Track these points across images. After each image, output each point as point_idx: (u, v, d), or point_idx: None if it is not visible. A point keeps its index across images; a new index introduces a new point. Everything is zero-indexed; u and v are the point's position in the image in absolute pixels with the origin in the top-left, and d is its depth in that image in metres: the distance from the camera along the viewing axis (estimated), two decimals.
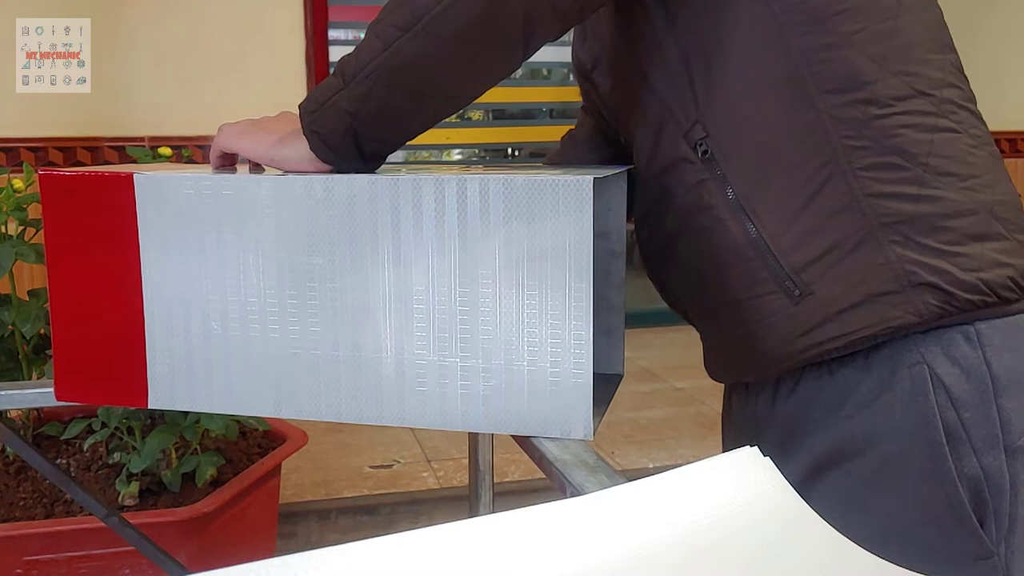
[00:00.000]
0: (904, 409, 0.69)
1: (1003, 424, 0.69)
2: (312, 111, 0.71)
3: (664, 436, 2.77)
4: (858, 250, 0.69)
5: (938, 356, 0.69)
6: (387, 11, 0.68)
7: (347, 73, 0.69)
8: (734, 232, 0.72)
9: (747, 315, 0.73)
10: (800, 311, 0.70)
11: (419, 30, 0.66)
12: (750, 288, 0.72)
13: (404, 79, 0.68)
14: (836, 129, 0.69)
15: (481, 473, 1.08)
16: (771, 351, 0.73)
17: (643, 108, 0.78)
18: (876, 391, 0.70)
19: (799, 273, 0.70)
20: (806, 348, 0.71)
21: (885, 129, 0.69)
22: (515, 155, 4.01)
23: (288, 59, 3.26)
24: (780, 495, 0.51)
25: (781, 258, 0.70)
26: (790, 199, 0.70)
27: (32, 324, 1.52)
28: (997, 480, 0.68)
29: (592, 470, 0.61)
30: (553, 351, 0.66)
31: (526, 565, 0.43)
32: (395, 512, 2.27)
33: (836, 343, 0.70)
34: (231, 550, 1.55)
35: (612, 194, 0.82)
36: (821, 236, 0.69)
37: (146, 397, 0.76)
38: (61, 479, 1.08)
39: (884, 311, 0.68)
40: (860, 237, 0.69)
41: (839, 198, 0.69)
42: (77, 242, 0.74)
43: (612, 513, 0.48)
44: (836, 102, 0.69)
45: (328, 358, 0.71)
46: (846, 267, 0.69)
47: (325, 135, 0.70)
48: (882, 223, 0.69)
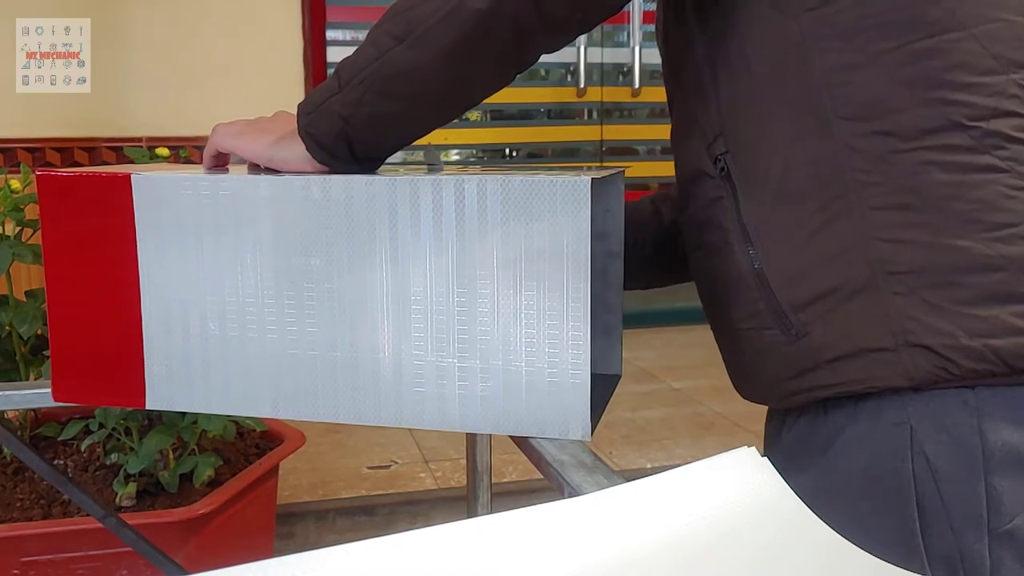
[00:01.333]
0: (880, 472, 0.64)
1: (991, 504, 0.61)
2: (309, 112, 0.71)
3: (662, 436, 2.77)
4: (857, 297, 0.64)
5: (925, 419, 0.62)
6: (385, 19, 0.68)
7: (343, 77, 0.69)
8: (739, 258, 0.69)
9: (745, 345, 0.71)
10: (793, 351, 0.67)
11: (413, 41, 0.65)
12: (750, 319, 0.70)
13: (396, 87, 0.68)
14: (850, 161, 0.63)
15: (479, 473, 1.08)
16: (764, 386, 0.72)
17: (677, 111, 0.76)
18: (858, 444, 0.65)
19: (796, 312, 0.66)
20: (796, 392, 0.68)
21: (905, 166, 0.62)
22: (513, 156, 4.01)
23: (286, 60, 3.26)
24: (777, 495, 0.51)
25: (779, 293, 0.67)
26: (796, 232, 0.66)
27: (29, 325, 1.52)
28: (976, 565, 0.61)
29: (590, 470, 0.61)
30: (551, 352, 0.66)
31: (524, 565, 0.43)
32: (393, 513, 2.27)
33: (824, 392, 0.66)
34: (229, 551, 1.55)
35: (610, 195, 0.82)
36: (822, 276, 0.65)
37: (144, 398, 0.76)
38: (58, 480, 1.08)
39: (874, 368, 0.63)
40: (861, 283, 0.63)
41: (845, 238, 0.64)
42: (74, 243, 0.74)
43: (610, 513, 0.48)
44: (854, 131, 0.63)
45: (326, 359, 0.71)
46: (843, 313, 0.64)
47: (319, 137, 0.70)
48: (887, 271, 0.62)
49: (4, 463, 1.67)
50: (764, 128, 0.67)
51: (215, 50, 3.15)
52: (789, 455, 0.71)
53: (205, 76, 3.13)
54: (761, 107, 0.67)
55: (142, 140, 3.05)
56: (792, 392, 0.68)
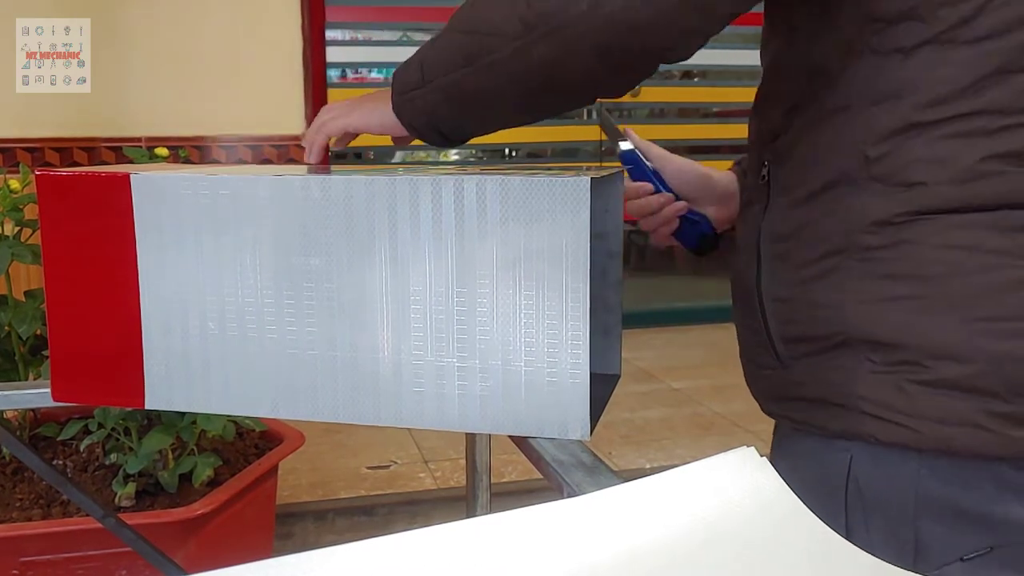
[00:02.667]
0: (818, 495, 0.61)
1: (919, 548, 0.63)
2: (401, 93, 0.75)
3: (661, 436, 2.77)
4: (832, 353, 0.65)
5: (865, 456, 0.65)
6: (469, 27, 0.69)
7: (426, 72, 0.72)
8: (746, 275, 0.73)
9: (746, 355, 0.76)
10: (774, 375, 0.71)
11: (481, 67, 0.68)
12: (754, 334, 0.73)
13: (469, 102, 0.72)
14: (861, 221, 0.63)
15: (478, 473, 1.08)
16: (757, 396, 0.77)
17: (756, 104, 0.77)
18: (805, 463, 0.69)
19: (786, 345, 0.69)
20: (777, 412, 0.74)
21: (917, 236, 0.61)
22: (512, 156, 4.01)
23: (285, 59, 3.26)
24: (776, 494, 0.51)
25: (771, 322, 0.70)
26: (798, 272, 0.68)
27: (29, 325, 1.52)
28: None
29: (589, 470, 0.61)
30: (550, 351, 0.66)
31: (523, 565, 0.43)
32: (392, 513, 2.27)
33: (794, 423, 0.71)
34: (228, 551, 1.55)
35: (610, 195, 0.82)
36: (811, 322, 0.67)
37: (143, 398, 0.76)
38: (58, 480, 1.08)
39: (829, 420, 0.66)
40: (839, 341, 0.65)
41: (835, 294, 0.65)
42: (74, 242, 0.74)
43: (609, 513, 0.48)
44: (880, 193, 0.63)
45: (325, 358, 0.71)
46: (820, 361, 0.67)
47: (410, 119, 0.75)
48: (864, 339, 0.63)
49: (3, 463, 1.67)
50: (797, 157, 0.68)
51: (215, 50, 3.15)
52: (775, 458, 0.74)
53: (205, 76, 3.13)
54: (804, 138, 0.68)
55: (141, 140, 3.05)
56: (770, 410, 0.74)
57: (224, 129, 3.14)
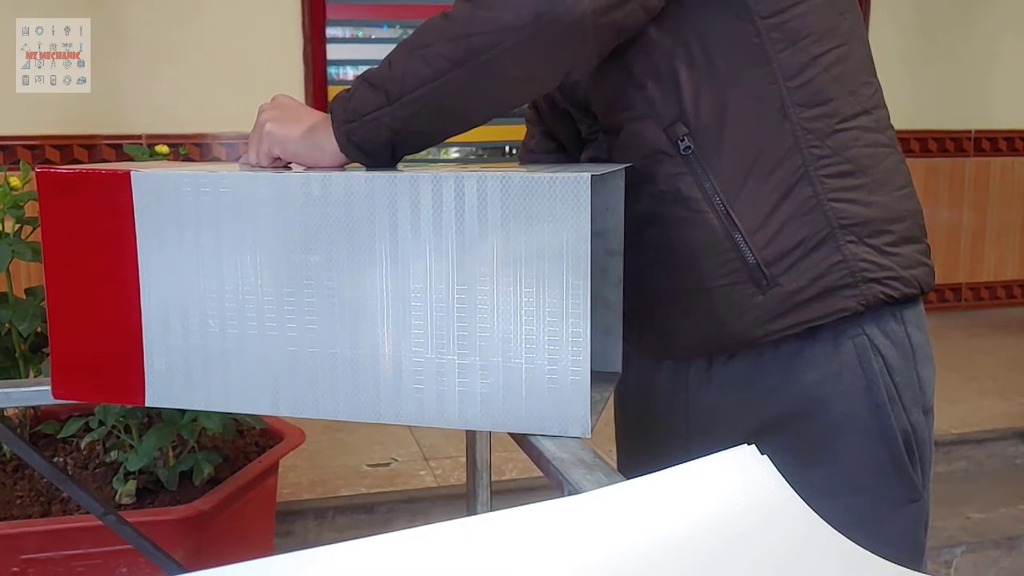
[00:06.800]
0: (850, 375, 0.81)
1: (922, 387, 0.84)
2: (350, 120, 0.74)
3: None
4: (819, 248, 0.79)
5: (875, 331, 0.82)
6: (436, 39, 0.72)
7: (391, 92, 0.72)
8: (713, 225, 0.79)
9: (716, 302, 0.81)
10: (765, 301, 0.79)
11: (473, 67, 0.70)
12: (722, 277, 0.80)
13: (454, 106, 0.73)
14: (806, 139, 0.79)
15: (479, 471, 1.08)
16: (734, 335, 0.81)
17: (625, 99, 0.82)
18: (822, 360, 0.81)
19: (769, 267, 0.79)
20: (767, 334, 0.80)
21: (844, 141, 0.80)
22: (513, 153, 4.01)
23: (286, 57, 3.26)
24: (777, 493, 0.51)
25: (756, 252, 0.78)
26: (764, 199, 0.79)
27: (29, 322, 1.52)
28: (921, 434, 0.83)
29: (589, 468, 0.61)
30: (550, 349, 0.66)
31: (524, 563, 0.43)
32: (393, 510, 2.27)
33: (795, 329, 0.80)
34: (228, 548, 1.55)
35: (610, 192, 0.82)
36: (789, 234, 0.79)
37: (143, 395, 0.76)
38: (58, 477, 1.08)
39: (840, 302, 0.79)
40: (822, 236, 0.79)
41: (806, 201, 0.79)
42: (74, 240, 0.74)
43: (609, 511, 0.48)
44: (807, 115, 0.79)
45: (326, 356, 0.71)
46: (809, 263, 0.79)
47: (363, 143, 0.74)
48: (840, 224, 0.79)
49: (4, 461, 1.67)
50: (727, 113, 0.79)
51: (215, 49, 3.15)
52: (728, 392, 0.85)
53: (205, 74, 3.12)
54: (725, 97, 0.78)
55: (142, 138, 3.05)
56: (763, 335, 0.80)
57: (225, 126, 3.14)
